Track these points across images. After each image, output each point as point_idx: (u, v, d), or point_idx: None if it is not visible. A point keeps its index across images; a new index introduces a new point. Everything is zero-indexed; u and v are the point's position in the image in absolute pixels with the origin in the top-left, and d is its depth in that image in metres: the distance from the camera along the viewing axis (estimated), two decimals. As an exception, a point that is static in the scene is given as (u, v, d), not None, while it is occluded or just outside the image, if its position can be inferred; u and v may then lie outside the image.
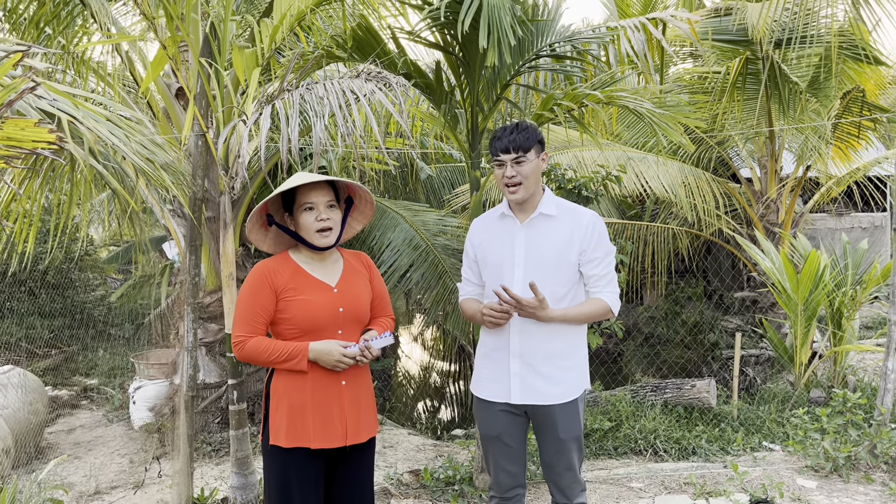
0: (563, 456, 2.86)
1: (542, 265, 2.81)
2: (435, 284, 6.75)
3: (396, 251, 6.75)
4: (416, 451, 5.70)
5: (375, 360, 3.07)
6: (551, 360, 2.82)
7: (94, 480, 4.91)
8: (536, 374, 2.81)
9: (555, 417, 2.82)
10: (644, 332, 10.27)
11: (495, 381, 2.89)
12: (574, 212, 2.90)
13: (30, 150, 1.43)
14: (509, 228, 2.90)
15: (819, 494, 4.41)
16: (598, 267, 2.84)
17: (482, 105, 4.39)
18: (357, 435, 2.70)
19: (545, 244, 2.83)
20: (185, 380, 4.14)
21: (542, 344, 2.80)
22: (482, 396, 2.94)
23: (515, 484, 2.98)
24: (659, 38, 4.33)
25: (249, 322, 2.63)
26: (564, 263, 2.81)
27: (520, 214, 2.89)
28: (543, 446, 2.91)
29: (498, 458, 2.95)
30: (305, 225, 2.65)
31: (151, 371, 6.25)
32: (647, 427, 5.47)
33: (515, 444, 2.94)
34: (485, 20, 3.66)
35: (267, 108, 3.32)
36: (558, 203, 2.91)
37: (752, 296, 8.47)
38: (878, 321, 9.94)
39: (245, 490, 4.27)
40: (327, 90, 3.43)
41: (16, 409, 5.11)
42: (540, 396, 2.82)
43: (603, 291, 2.85)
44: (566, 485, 2.90)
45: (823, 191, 8.45)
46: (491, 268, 2.91)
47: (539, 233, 2.85)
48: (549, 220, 2.86)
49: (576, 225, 2.83)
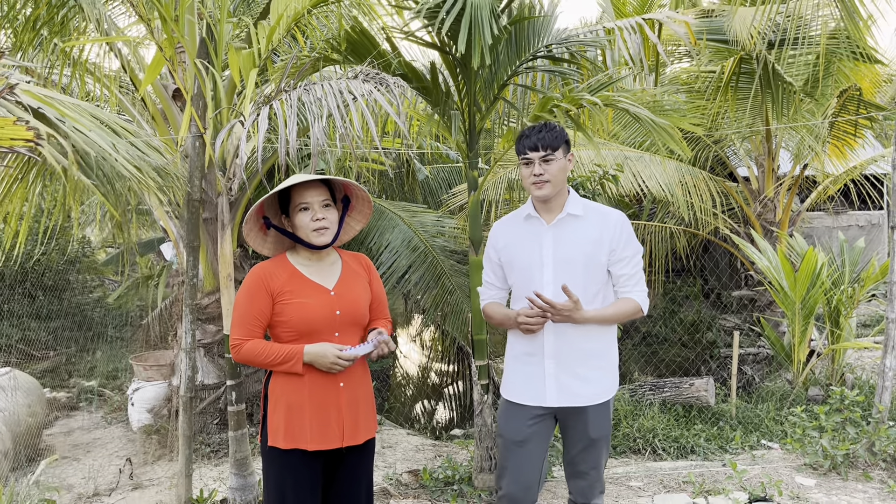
0: (591, 454, 2.86)
1: (572, 266, 2.80)
2: (434, 285, 6.76)
3: (395, 252, 6.75)
4: (415, 451, 5.70)
5: (374, 362, 3.07)
6: (586, 360, 2.81)
7: (92, 482, 4.91)
8: (572, 376, 2.80)
9: (587, 418, 2.83)
10: (641, 330, 10.27)
11: (530, 383, 2.86)
12: (601, 212, 2.90)
13: (7, 147, 1.43)
14: (536, 230, 2.89)
15: (818, 492, 4.42)
16: (627, 266, 2.84)
17: (479, 105, 4.39)
18: (354, 436, 2.70)
19: (574, 245, 2.82)
20: (183, 381, 4.14)
21: (578, 344, 2.80)
22: (515, 400, 2.90)
23: (531, 499, 2.92)
24: (655, 41, 4.34)
25: (246, 325, 2.64)
26: (594, 264, 2.81)
27: (546, 215, 2.88)
28: (570, 444, 2.90)
29: (521, 463, 2.88)
30: (301, 225, 2.65)
31: (150, 373, 6.24)
32: (645, 426, 5.47)
33: (539, 451, 2.90)
34: (466, 20, 3.65)
35: (264, 109, 3.32)
36: (584, 204, 2.91)
37: (750, 294, 8.48)
38: (875, 319, 9.96)
39: (244, 491, 4.27)
40: (325, 91, 3.43)
41: (14, 412, 5.10)
42: (575, 398, 2.81)
43: (633, 291, 2.85)
44: (588, 484, 2.89)
45: (820, 189, 8.46)
46: (519, 270, 2.90)
47: (567, 233, 2.84)
48: (577, 220, 2.85)
49: (604, 225, 2.83)
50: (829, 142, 7.89)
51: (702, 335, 8.97)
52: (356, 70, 3.56)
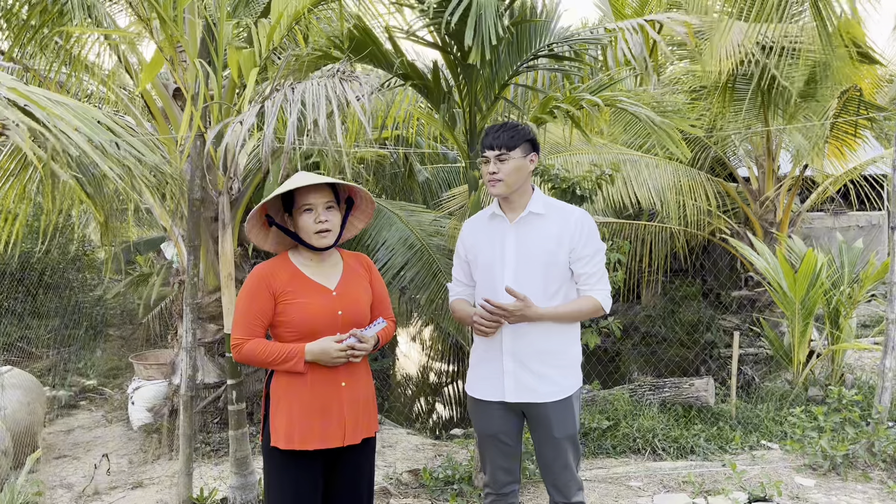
0: (560, 454, 2.87)
1: (532, 264, 2.83)
2: (429, 284, 6.76)
3: (391, 250, 6.77)
4: (414, 450, 5.71)
5: (374, 359, 3.07)
6: (544, 358, 2.83)
7: (93, 481, 4.91)
8: (529, 373, 2.83)
9: (549, 416, 2.84)
10: (641, 330, 10.27)
11: (489, 380, 2.90)
12: (562, 210, 2.93)
13: None
14: (499, 228, 2.92)
15: (817, 493, 4.42)
16: (587, 265, 2.85)
17: (480, 105, 4.40)
18: (355, 435, 2.70)
19: (534, 243, 2.85)
20: (184, 380, 4.15)
21: (535, 342, 2.82)
22: (477, 396, 2.96)
23: (511, 480, 3.00)
24: (658, 40, 4.35)
25: (247, 325, 2.64)
26: (554, 262, 2.83)
27: (509, 214, 2.91)
28: (539, 445, 2.92)
29: (495, 456, 2.97)
30: (304, 226, 2.65)
31: (150, 371, 6.24)
32: (645, 426, 5.48)
33: (512, 442, 2.96)
34: (472, 19, 3.66)
35: (253, 108, 3.32)
36: (546, 202, 2.93)
37: (750, 295, 8.48)
38: (874, 319, 9.96)
39: (244, 490, 4.27)
40: (307, 88, 3.42)
41: (14, 410, 5.10)
42: (533, 395, 2.83)
43: (594, 289, 2.87)
44: (563, 483, 2.91)
45: (820, 190, 8.46)
46: (481, 268, 2.93)
47: (528, 232, 2.87)
48: (539, 218, 2.88)
49: (564, 223, 2.85)
50: (830, 142, 7.89)
51: (700, 335, 8.98)
52: (336, 68, 3.55)
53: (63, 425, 6.40)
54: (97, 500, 4.65)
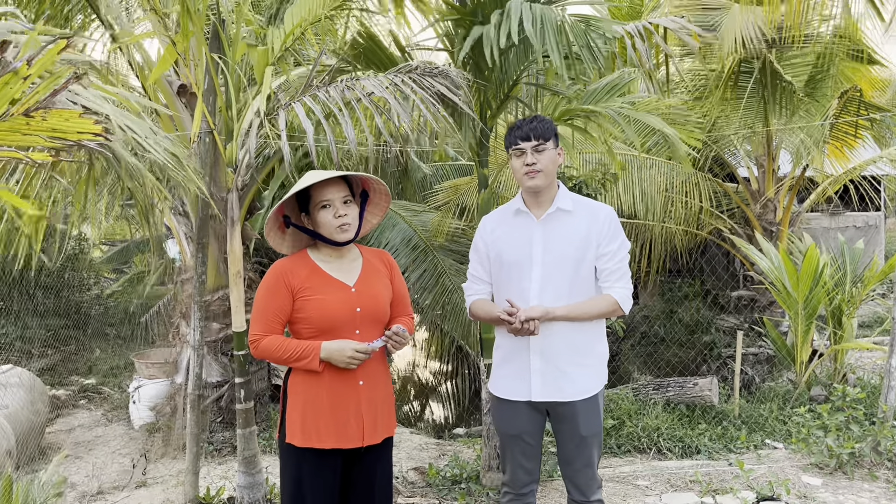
0: (584, 452, 2.85)
1: (561, 263, 2.79)
2: (434, 285, 6.74)
3: (394, 251, 6.72)
4: (418, 449, 5.69)
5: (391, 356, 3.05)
6: (571, 356, 2.80)
7: (95, 480, 4.87)
8: (557, 371, 2.79)
9: (577, 414, 2.81)
10: (639, 330, 10.28)
11: (516, 379, 2.86)
12: (590, 206, 2.89)
13: (74, 141, 1.40)
14: (525, 225, 2.86)
15: (825, 492, 4.43)
16: (611, 261, 2.81)
17: (490, 104, 4.39)
18: (375, 435, 2.68)
19: (564, 241, 2.80)
20: (191, 378, 4.12)
21: (563, 340, 2.78)
22: (502, 396, 2.91)
23: (531, 480, 2.97)
24: (662, 45, 4.36)
25: (265, 321, 2.62)
26: (583, 260, 2.79)
27: (536, 210, 2.85)
28: (563, 443, 2.90)
29: (517, 455, 2.94)
30: (324, 222, 2.63)
31: (152, 370, 6.20)
32: (649, 425, 5.48)
33: (535, 442, 2.93)
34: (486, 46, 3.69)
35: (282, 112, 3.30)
36: (574, 198, 2.88)
37: (750, 294, 8.50)
38: (875, 319, 10.01)
39: (252, 489, 4.24)
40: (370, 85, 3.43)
41: (17, 409, 5.06)
42: (561, 393, 2.80)
43: (614, 287, 2.82)
44: (584, 481, 2.89)
45: (820, 190, 8.48)
46: (507, 266, 2.87)
47: (556, 229, 2.82)
48: (567, 215, 2.83)
49: (593, 220, 2.82)
50: (830, 142, 7.92)
51: (699, 336, 9.00)
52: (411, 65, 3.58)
53: (64, 424, 6.36)
54: (101, 500, 4.62)
